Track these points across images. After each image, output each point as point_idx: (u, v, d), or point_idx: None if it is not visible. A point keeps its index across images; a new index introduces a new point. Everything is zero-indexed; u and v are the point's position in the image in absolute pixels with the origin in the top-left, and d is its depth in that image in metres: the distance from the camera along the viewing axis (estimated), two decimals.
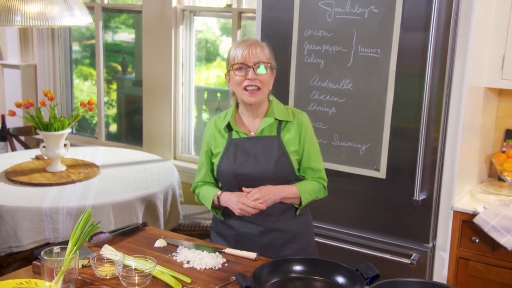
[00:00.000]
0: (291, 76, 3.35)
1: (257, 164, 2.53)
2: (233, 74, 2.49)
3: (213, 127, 2.63)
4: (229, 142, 2.57)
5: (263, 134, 2.56)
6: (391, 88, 3.06)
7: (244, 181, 2.53)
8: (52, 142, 3.79)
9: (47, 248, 2.10)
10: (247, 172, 2.53)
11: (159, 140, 4.93)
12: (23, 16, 3.58)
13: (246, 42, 2.50)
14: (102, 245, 2.38)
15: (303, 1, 3.24)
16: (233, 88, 2.54)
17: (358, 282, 1.99)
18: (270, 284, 2.05)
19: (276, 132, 2.57)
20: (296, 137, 2.57)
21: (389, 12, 3.02)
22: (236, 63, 2.48)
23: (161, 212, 3.64)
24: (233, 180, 2.55)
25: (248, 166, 2.53)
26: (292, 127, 2.58)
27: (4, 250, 3.30)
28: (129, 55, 5.49)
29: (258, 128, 2.57)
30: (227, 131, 2.59)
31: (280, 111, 2.58)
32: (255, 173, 2.53)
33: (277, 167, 2.52)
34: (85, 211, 2.17)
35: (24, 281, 1.99)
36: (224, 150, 2.57)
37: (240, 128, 2.58)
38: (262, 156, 2.53)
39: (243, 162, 2.54)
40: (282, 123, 2.58)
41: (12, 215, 3.27)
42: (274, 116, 2.56)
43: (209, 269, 2.25)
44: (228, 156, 2.55)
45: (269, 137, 2.56)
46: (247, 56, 2.47)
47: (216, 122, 2.63)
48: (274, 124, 2.57)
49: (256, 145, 2.55)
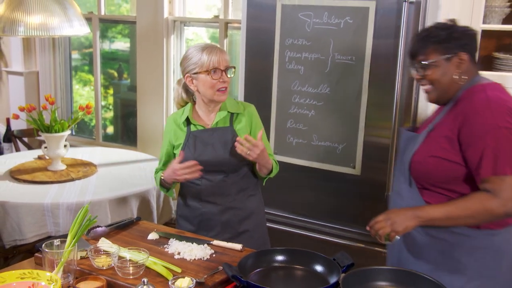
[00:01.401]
0: (273, 81, 3.35)
1: (215, 152, 2.63)
2: (206, 77, 2.56)
3: (172, 123, 2.73)
4: (188, 134, 2.66)
5: (218, 125, 2.66)
6: (365, 92, 3.07)
7: (204, 167, 2.60)
8: (53, 143, 3.77)
9: (48, 241, 2.09)
10: (206, 159, 2.61)
11: (152, 140, 4.92)
12: (26, 27, 3.58)
13: (215, 48, 2.59)
14: (99, 238, 2.37)
15: (284, 12, 3.24)
16: (202, 89, 2.59)
17: (335, 270, 1.99)
18: (254, 273, 2.05)
19: (229, 123, 2.67)
20: (247, 126, 2.69)
21: (363, 22, 3.03)
22: (212, 67, 2.54)
23: (154, 207, 3.63)
24: None
25: (207, 154, 2.62)
26: (243, 118, 2.69)
27: (9, 243, 3.28)
28: (125, 63, 5.46)
29: (213, 121, 2.66)
30: (185, 125, 2.68)
31: (232, 105, 2.69)
32: (213, 160, 2.62)
33: (232, 153, 2.61)
34: (83, 207, 2.16)
35: (27, 272, 1.98)
36: (185, 141, 2.66)
37: (197, 121, 2.67)
38: (218, 145, 2.63)
39: (202, 150, 2.63)
40: (234, 115, 2.69)
41: (16, 211, 3.25)
42: (227, 110, 2.66)
43: (198, 259, 2.24)
44: (188, 146, 2.64)
45: (224, 128, 2.66)
46: (220, 61, 2.55)
47: (175, 118, 2.73)
48: (227, 117, 2.68)
49: (213, 135, 2.64)
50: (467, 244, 2.12)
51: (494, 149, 1.99)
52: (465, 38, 2.13)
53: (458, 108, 2.10)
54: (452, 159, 2.08)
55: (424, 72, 2.15)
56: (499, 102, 2.04)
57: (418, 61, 2.16)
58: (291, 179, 3.37)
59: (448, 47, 2.11)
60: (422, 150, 2.16)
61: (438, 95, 2.18)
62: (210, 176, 2.66)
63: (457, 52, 2.11)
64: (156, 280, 2.04)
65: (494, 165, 1.99)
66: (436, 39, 2.12)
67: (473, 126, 2.02)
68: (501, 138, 1.99)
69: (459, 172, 2.08)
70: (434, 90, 2.17)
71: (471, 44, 2.16)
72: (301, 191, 3.38)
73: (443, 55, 2.11)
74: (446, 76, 2.13)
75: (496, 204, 1.98)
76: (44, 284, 1.95)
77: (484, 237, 2.11)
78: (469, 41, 2.14)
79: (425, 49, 2.14)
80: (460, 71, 2.12)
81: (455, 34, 2.12)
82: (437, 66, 2.13)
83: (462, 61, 2.12)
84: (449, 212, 2.05)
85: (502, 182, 1.98)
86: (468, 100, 2.08)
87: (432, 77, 2.14)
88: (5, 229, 3.26)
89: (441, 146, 2.10)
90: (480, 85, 2.12)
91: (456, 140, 2.07)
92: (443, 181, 2.12)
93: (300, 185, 3.38)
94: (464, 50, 2.12)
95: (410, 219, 2.06)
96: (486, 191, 2.01)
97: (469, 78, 2.14)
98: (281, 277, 2.07)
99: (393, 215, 2.08)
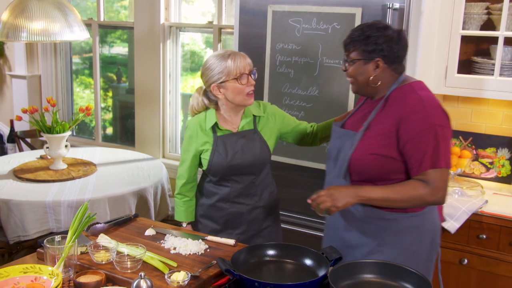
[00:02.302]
0: (265, 84, 3.34)
1: (244, 155, 2.59)
2: (234, 84, 2.50)
3: (197, 127, 2.63)
4: (216, 139, 2.59)
5: (244, 129, 2.62)
6: (351, 94, 3.07)
7: (235, 170, 2.59)
8: (55, 143, 3.75)
9: (49, 237, 2.09)
10: (237, 163, 2.58)
11: (150, 141, 4.90)
12: (29, 32, 3.59)
13: (237, 54, 2.53)
14: (98, 234, 2.36)
15: (275, 18, 3.24)
16: (231, 96, 2.53)
17: (324, 263, 1.99)
18: (247, 267, 2.04)
19: (253, 126, 2.64)
20: (273, 127, 2.69)
21: (349, 28, 2.99)
22: (239, 74, 2.49)
23: (151, 204, 3.62)
24: (227, 170, 2.60)
25: (238, 158, 2.58)
26: (264, 119, 2.68)
27: (13, 239, 3.28)
28: (123, 66, 5.44)
29: (239, 125, 2.62)
30: (212, 131, 2.60)
31: (254, 108, 2.66)
32: (243, 163, 2.59)
33: (260, 154, 2.61)
34: (83, 204, 2.15)
35: (30, 266, 1.99)
36: (213, 146, 2.59)
37: (224, 126, 2.62)
38: (247, 148, 2.60)
39: (233, 154, 2.58)
40: (257, 117, 2.66)
41: (20, 208, 3.24)
42: (252, 113, 2.64)
43: (193, 254, 2.23)
44: (218, 151, 2.58)
45: (249, 131, 2.63)
46: (245, 65, 2.51)
47: (200, 123, 2.63)
48: (251, 120, 2.64)
49: (240, 139, 2.60)
50: (394, 227, 2.22)
51: (432, 146, 2.08)
52: (386, 46, 2.17)
53: (392, 108, 2.18)
54: (391, 155, 2.15)
55: (346, 67, 2.26)
56: (431, 101, 2.14)
57: (345, 55, 2.26)
58: (283, 177, 3.36)
59: (368, 50, 2.18)
60: (361, 147, 2.21)
61: (357, 89, 2.30)
62: (239, 179, 2.63)
63: (375, 58, 2.18)
64: (153, 274, 2.03)
65: (432, 160, 2.08)
66: (362, 41, 2.19)
67: (411, 125, 2.10)
68: (437, 135, 2.08)
69: (397, 166, 2.16)
70: (354, 84, 2.28)
71: (392, 51, 2.18)
72: (293, 188, 3.37)
73: (362, 57, 2.19)
74: (362, 76, 2.22)
75: (428, 192, 2.09)
76: (46, 278, 1.95)
77: (408, 219, 2.21)
78: (388, 48, 2.17)
79: (351, 47, 2.22)
80: (375, 75, 2.20)
81: (379, 40, 2.17)
82: (356, 65, 2.22)
83: (378, 66, 2.19)
84: (387, 194, 2.13)
85: (436, 173, 2.08)
86: (401, 100, 2.16)
87: (351, 73, 2.25)
88: (9, 226, 3.25)
89: (379, 143, 2.17)
90: (408, 85, 2.21)
91: (394, 137, 2.14)
92: (381, 175, 2.19)
93: (292, 183, 3.37)
94: (382, 57, 2.17)
95: (351, 196, 2.12)
96: (422, 181, 2.10)
97: (386, 82, 2.22)
98: (272, 271, 2.07)
99: (334, 190, 2.13)
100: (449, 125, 2.14)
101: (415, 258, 2.23)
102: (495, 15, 3.17)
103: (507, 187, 3.29)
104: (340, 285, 1.85)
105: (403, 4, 2.87)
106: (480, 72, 3.21)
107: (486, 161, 3.40)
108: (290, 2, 3.18)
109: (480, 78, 3.18)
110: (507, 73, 3.14)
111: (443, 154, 2.09)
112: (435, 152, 2.08)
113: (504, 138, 3.36)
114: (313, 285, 1.87)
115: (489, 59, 3.20)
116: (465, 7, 3.16)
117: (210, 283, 2.04)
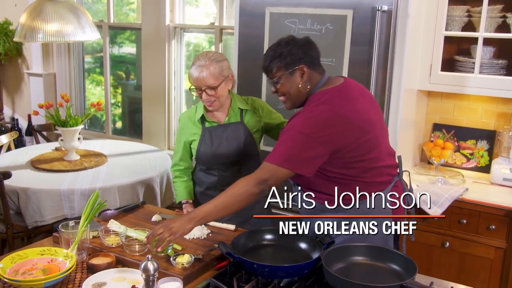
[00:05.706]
0: (263, 82, 3.32)
1: (229, 145, 2.57)
2: None
3: (187, 120, 2.65)
4: (204, 130, 2.59)
5: (230, 121, 2.60)
6: None
7: (220, 159, 2.57)
8: (68, 136, 3.74)
9: (64, 222, 2.09)
10: (222, 153, 2.57)
11: (156, 133, 4.89)
12: (45, 34, 3.61)
13: (197, 68, 2.44)
14: (108, 219, 2.35)
15: (272, 19, 3.22)
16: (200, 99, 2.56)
17: (317, 247, 1.98)
18: (246, 250, 2.04)
19: (240, 119, 2.61)
20: (255, 117, 2.64)
21: (341, 29, 3.01)
22: (192, 85, 2.48)
23: (157, 193, 3.61)
24: (212, 159, 2.58)
25: (223, 147, 2.57)
26: (251, 112, 2.64)
27: (31, 224, 3.28)
28: (131, 65, 5.42)
29: (225, 118, 2.60)
30: (200, 122, 2.60)
31: (241, 102, 2.64)
32: (228, 153, 2.57)
33: (245, 145, 2.58)
34: (94, 192, 2.15)
35: (46, 249, 2.01)
36: (201, 137, 2.58)
37: (211, 118, 2.60)
38: (232, 139, 2.58)
39: (219, 144, 2.57)
40: (243, 110, 2.63)
41: (37, 196, 3.23)
42: (238, 106, 2.61)
43: (196, 238, 2.23)
44: (204, 141, 2.58)
45: (235, 123, 2.61)
46: (198, 81, 2.44)
47: (190, 116, 2.64)
48: (237, 113, 2.62)
49: (226, 130, 2.59)
50: None
51: (281, 144, 2.00)
52: (302, 52, 2.11)
53: None
54: None
55: (276, 87, 2.15)
56: (319, 116, 2.00)
57: (269, 78, 2.16)
58: None
59: (289, 63, 2.10)
60: None
61: (292, 103, 2.17)
62: (225, 168, 2.60)
63: (298, 65, 2.10)
64: (159, 257, 2.03)
65: (271, 154, 2.00)
66: (278, 58, 2.11)
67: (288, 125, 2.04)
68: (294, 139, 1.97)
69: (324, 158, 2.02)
70: (288, 100, 2.16)
71: (308, 55, 2.13)
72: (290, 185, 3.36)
73: (286, 71, 2.11)
74: (293, 88, 2.12)
75: (252, 183, 1.98)
76: (61, 260, 1.96)
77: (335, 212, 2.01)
78: (305, 54, 2.12)
79: (272, 68, 2.12)
80: (303, 81, 2.11)
81: (293, 50, 2.10)
82: (284, 81, 2.12)
83: (303, 72, 2.11)
84: (219, 203, 2.01)
85: (263, 166, 2.00)
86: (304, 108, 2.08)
87: (282, 90, 2.14)
88: (28, 212, 3.26)
89: None
90: (319, 93, 2.09)
91: None
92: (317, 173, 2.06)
93: None
94: (303, 62, 2.11)
95: (186, 222, 1.98)
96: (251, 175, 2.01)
97: (313, 84, 2.13)
98: (269, 254, 2.06)
99: (170, 222, 1.99)
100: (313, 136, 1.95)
101: None
102: (475, 17, 3.15)
103: (485, 176, 3.28)
104: (333, 266, 1.85)
105: (391, 7, 2.86)
106: (462, 70, 3.19)
107: (467, 152, 3.40)
108: (287, 4, 3.17)
109: (462, 75, 3.16)
110: (486, 71, 3.13)
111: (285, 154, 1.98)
112: (278, 148, 2.00)
113: (483, 131, 3.35)
114: (307, 267, 1.87)
115: (469, 58, 3.19)
116: (448, 10, 3.14)
117: (212, 265, 2.04)
